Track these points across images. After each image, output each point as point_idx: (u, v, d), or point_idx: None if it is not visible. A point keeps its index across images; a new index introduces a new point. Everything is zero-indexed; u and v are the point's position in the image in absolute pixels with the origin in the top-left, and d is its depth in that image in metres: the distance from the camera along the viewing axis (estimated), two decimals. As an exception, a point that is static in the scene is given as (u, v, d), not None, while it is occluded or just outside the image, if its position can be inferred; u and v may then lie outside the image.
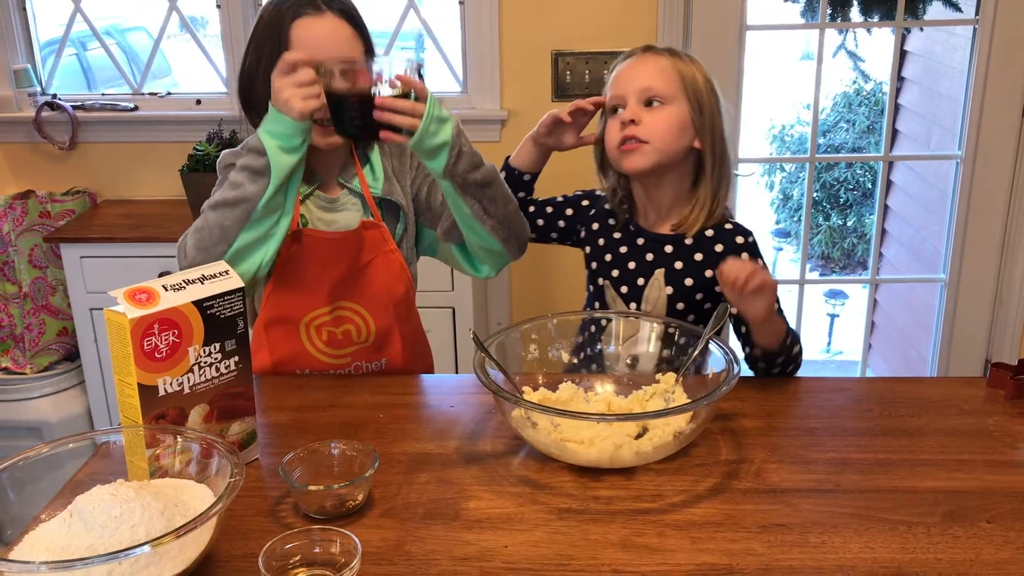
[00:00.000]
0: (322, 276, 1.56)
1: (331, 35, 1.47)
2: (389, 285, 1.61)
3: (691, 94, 1.55)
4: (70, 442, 1.14)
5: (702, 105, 1.55)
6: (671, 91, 1.54)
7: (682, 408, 1.24)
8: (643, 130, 1.53)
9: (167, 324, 1.14)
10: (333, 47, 1.46)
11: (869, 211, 5.76)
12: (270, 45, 1.47)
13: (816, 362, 4.91)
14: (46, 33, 3.05)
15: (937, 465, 1.26)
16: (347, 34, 1.49)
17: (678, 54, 1.58)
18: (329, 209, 1.60)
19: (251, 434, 1.29)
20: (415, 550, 1.10)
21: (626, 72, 1.58)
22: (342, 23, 1.49)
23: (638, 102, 1.54)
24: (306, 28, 1.47)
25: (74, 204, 2.93)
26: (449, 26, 2.87)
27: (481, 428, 1.39)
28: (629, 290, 1.63)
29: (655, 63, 1.56)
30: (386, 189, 1.61)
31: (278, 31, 1.47)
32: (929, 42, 3.30)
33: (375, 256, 1.59)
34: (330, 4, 1.49)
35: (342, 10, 1.50)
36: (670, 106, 1.54)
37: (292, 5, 1.47)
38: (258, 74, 1.48)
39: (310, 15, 1.47)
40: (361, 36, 1.52)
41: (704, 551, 1.08)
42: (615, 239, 1.66)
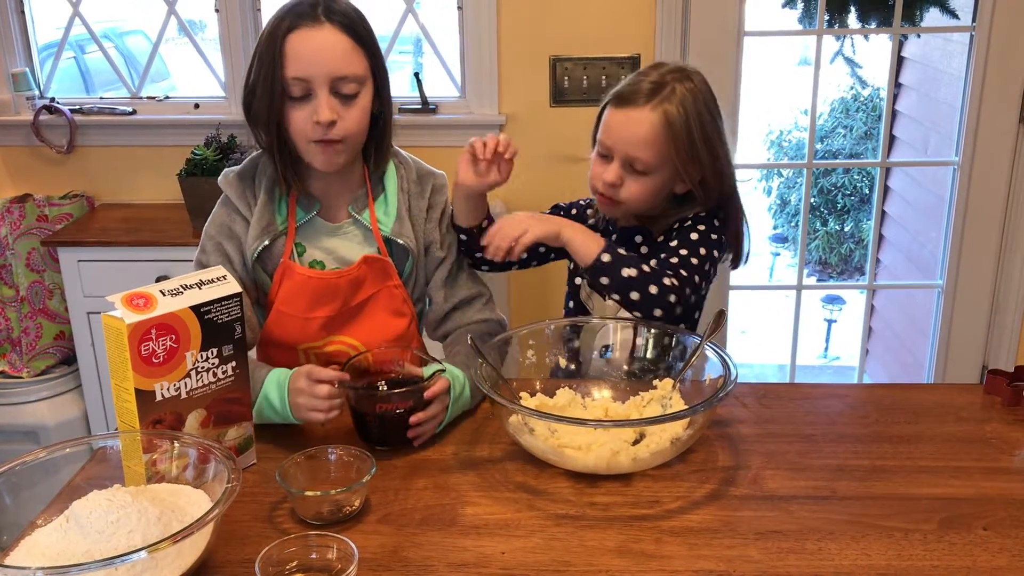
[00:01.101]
0: (312, 313, 1.50)
1: (327, 48, 1.40)
2: (387, 321, 1.55)
3: (682, 151, 1.51)
4: (67, 447, 1.14)
5: (693, 154, 1.52)
6: (656, 162, 1.52)
7: (679, 414, 1.24)
8: (622, 193, 1.55)
9: (164, 329, 1.14)
10: (328, 62, 1.40)
11: (866, 216, 5.77)
12: (267, 59, 1.41)
13: (813, 367, 4.92)
14: (44, 36, 3.05)
15: (934, 472, 1.26)
16: (345, 47, 1.41)
17: (672, 97, 1.50)
18: (331, 235, 1.54)
19: (248, 439, 1.29)
20: (412, 556, 1.10)
21: (619, 127, 1.53)
22: (341, 36, 1.41)
23: (622, 163, 1.53)
24: (300, 42, 1.39)
25: (72, 208, 2.93)
26: (447, 31, 2.88)
27: (478, 434, 1.39)
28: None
29: (647, 126, 1.50)
30: (395, 229, 1.53)
31: (274, 44, 1.40)
32: (926, 48, 3.31)
33: (377, 291, 1.53)
34: (330, 15, 1.41)
35: (344, 22, 1.42)
36: (652, 175, 1.53)
37: (289, 16, 1.41)
38: (256, 90, 1.43)
39: (306, 27, 1.40)
40: (364, 48, 1.44)
41: (701, 557, 1.08)
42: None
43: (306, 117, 1.42)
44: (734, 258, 1.69)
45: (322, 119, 1.40)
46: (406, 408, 1.31)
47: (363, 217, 1.54)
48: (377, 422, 1.31)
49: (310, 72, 1.40)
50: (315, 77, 1.40)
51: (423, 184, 1.58)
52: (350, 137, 1.45)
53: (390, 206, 1.54)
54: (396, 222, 1.53)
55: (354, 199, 1.55)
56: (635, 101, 1.52)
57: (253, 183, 1.52)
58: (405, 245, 1.53)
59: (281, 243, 1.52)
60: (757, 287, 5.76)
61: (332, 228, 1.54)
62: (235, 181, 1.53)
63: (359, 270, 1.51)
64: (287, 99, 1.42)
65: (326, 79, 1.40)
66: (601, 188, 1.56)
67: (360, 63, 1.43)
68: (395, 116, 1.56)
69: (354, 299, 1.52)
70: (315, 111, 1.40)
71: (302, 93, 1.41)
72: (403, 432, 1.32)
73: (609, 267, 1.44)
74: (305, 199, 1.53)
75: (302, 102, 1.42)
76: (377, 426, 1.31)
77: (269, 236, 1.50)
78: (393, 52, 2.96)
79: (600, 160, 1.57)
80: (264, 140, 1.48)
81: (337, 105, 1.42)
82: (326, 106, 1.41)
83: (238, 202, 1.52)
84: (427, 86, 2.86)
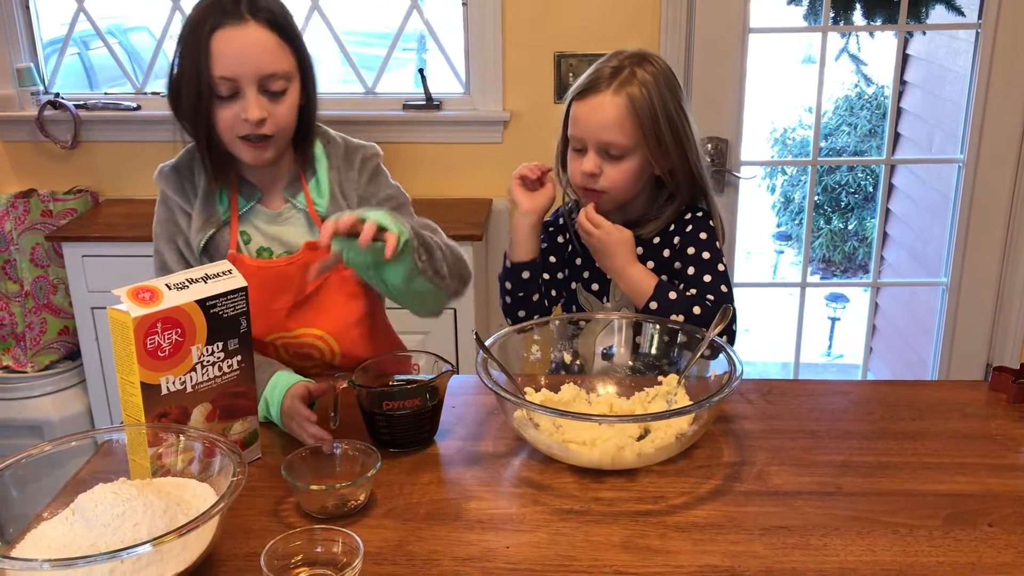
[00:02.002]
0: (269, 305, 1.49)
1: (253, 46, 1.38)
2: (346, 304, 1.54)
3: (649, 133, 1.52)
4: (72, 440, 1.14)
5: (660, 137, 1.53)
6: (630, 143, 1.53)
7: (684, 410, 1.24)
8: (603, 181, 1.55)
9: (170, 323, 1.14)
10: (255, 60, 1.38)
11: (870, 214, 5.76)
12: (193, 58, 1.39)
13: (817, 365, 4.91)
14: (49, 32, 3.04)
15: (939, 468, 1.26)
16: (272, 45, 1.40)
17: (633, 79, 1.52)
18: (273, 223, 1.53)
19: (253, 433, 1.29)
20: (417, 550, 1.10)
21: (586, 116, 1.54)
22: (267, 33, 1.40)
23: (597, 152, 1.54)
24: (226, 41, 1.37)
25: (76, 203, 2.93)
26: (452, 27, 2.87)
27: (483, 429, 1.39)
28: (600, 287, 1.66)
29: (614, 109, 1.51)
30: (331, 210, 1.50)
31: (198, 42, 1.38)
32: (931, 46, 3.30)
33: (327, 276, 1.51)
34: (255, 12, 1.39)
35: (269, 18, 1.40)
36: (629, 158, 1.54)
37: (213, 13, 1.38)
38: (182, 85, 1.42)
39: (231, 25, 1.38)
40: (290, 43, 1.43)
41: (706, 553, 1.08)
42: (580, 244, 1.67)
43: (234, 115, 1.41)
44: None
45: (251, 118, 1.39)
46: (413, 407, 1.30)
47: (299, 201, 1.53)
48: (385, 421, 1.31)
49: (238, 71, 1.38)
50: (243, 76, 1.39)
51: (351, 158, 1.55)
52: (279, 132, 1.45)
53: (322, 187, 1.53)
54: (330, 202, 1.52)
55: (288, 184, 1.54)
56: (597, 88, 1.53)
57: (192, 175, 1.52)
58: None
59: (226, 233, 1.51)
60: (761, 284, 5.77)
61: (273, 215, 1.54)
62: (171, 175, 1.52)
63: (304, 256, 1.49)
64: (215, 97, 1.40)
65: (254, 77, 1.39)
66: (581, 180, 1.57)
67: (287, 59, 1.43)
68: (398, 112, 1.57)
69: (307, 286, 1.51)
70: (243, 109, 1.40)
71: (230, 92, 1.40)
72: (413, 432, 1.32)
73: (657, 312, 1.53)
74: (246, 187, 1.53)
75: (230, 100, 1.41)
76: (386, 425, 1.31)
77: (213, 227, 1.49)
78: (397, 48, 2.95)
79: (576, 156, 1.58)
80: (192, 136, 1.47)
81: (265, 102, 1.41)
82: (255, 105, 1.40)
83: (177, 196, 1.52)
84: (431, 82, 2.86)
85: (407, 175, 2.98)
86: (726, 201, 2.83)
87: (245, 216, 1.53)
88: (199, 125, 1.43)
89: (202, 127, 1.44)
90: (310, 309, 1.53)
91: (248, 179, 1.53)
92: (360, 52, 3.28)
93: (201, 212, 1.50)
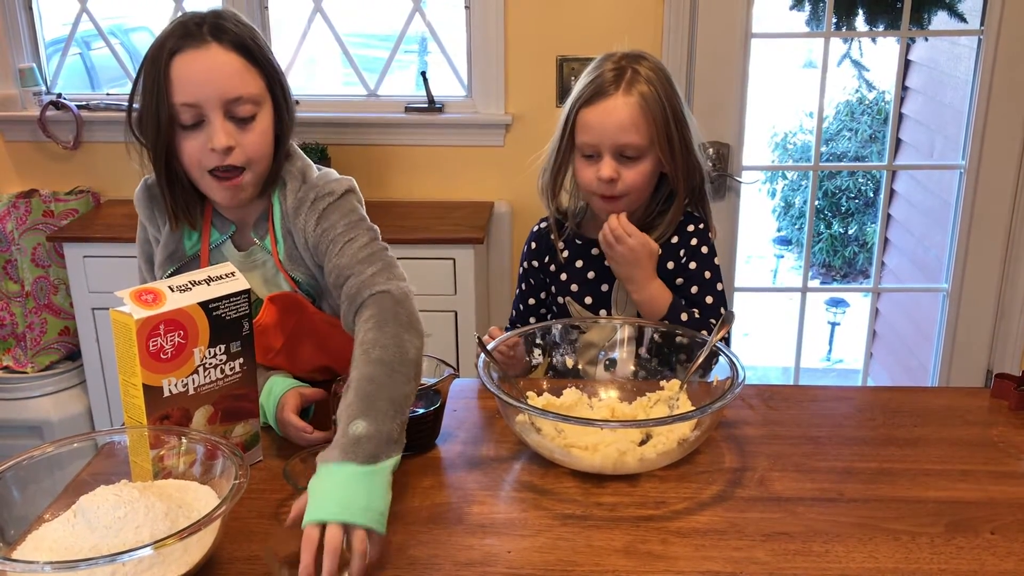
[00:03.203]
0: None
1: (215, 70, 1.30)
2: (322, 343, 1.43)
3: (661, 130, 1.53)
4: (74, 442, 1.14)
5: (670, 133, 1.54)
6: (644, 143, 1.53)
7: (686, 415, 1.24)
8: (621, 185, 1.55)
9: (173, 325, 1.14)
10: (218, 84, 1.29)
11: (871, 220, 5.76)
12: (151, 87, 1.31)
13: (816, 370, 4.91)
14: (51, 32, 3.05)
15: (941, 475, 1.26)
16: (236, 67, 1.31)
17: (638, 78, 1.52)
18: (242, 266, 1.36)
19: (255, 436, 1.29)
20: (418, 554, 1.09)
21: (600, 121, 1.53)
22: (231, 55, 1.31)
23: (613, 155, 1.54)
24: (187, 65, 1.29)
25: (77, 204, 2.93)
26: (454, 30, 2.88)
27: (484, 433, 1.39)
28: (594, 300, 1.64)
29: (628, 110, 1.51)
30: (287, 263, 1.41)
31: (158, 70, 1.30)
32: (933, 52, 3.30)
33: (294, 323, 1.39)
34: (217, 34, 1.31)
35: (234, 41, 1.31)
36: (644, 159, 1.54)
37: (172, 38, 1.30)
38: (145, 119, 1.33)
39: (192, 49, 1.29)
40: (258, 67, 1.34)
41: (708, 559, 1.08)
42: (566, 257, 1.67)
43: (200, 146, 1.32)
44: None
45: (217, 145, 1.30)
46: (415, 410, 1.30)
47: (266, 244, 1.43)
48: None
49: (199, 96, 1.29)
50: (206, 101, 1.30)
51: (301, 204, 1.39)
52: (252, 163, 1.35)
53: (279, 235, 1.42)
54: (286, 254, 1.41)
55: (256, 222, 1.44)
56: (606, 92, 1.53)
57: (162, 202, 1.42)
58: (302, 280, 1.42)
59: (194, 266, 1.42)
60: (761, 289, 5.76)
61: (242, 257, 1.44)
62: (143, 199, 1.45)
63: (267, 315, 1.36)
64: (178, 128, 1.32)
65: (218, 102, 1.30)
66: (598, 188, 1.56)
67: (254, 82, 1.33)
68: (400, 115, 1.53)
69: (277, 341, 1.39)
70: (209, 138, 1.31)
71: (193, 120, 1.31)
72: (414, 435, 1.31)
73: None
74: (219, 219, 1.44)
75: (194, 130, 1.32)
76: None
77: (176, 263, 1.43)
78: (400, 51, 2.96)
79: (586, 162, 1.57)
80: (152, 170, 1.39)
81: (232, 129, 1.32)
82: (221, 131, 1.30)
83: (148, 223, 1.46)
84: (433, 85, 2.86)
85: (408, 178, 2.99)
86: (727, 206, 2.83)
87: (217, 250, 1.45)
88: (158, 159, 1.35)
89: (160, 162, 1.35)
90: (288, 358, 1.42)
91: (221, 213, 1.45)
92: (362, 54, 3.28)
93: (166, 246, 1.43)
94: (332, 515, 1.01)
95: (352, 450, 1.07)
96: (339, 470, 1.06)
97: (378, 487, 1.06)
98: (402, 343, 1.21)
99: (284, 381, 1.37)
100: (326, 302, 1.46)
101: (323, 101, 2.95)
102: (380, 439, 1.09)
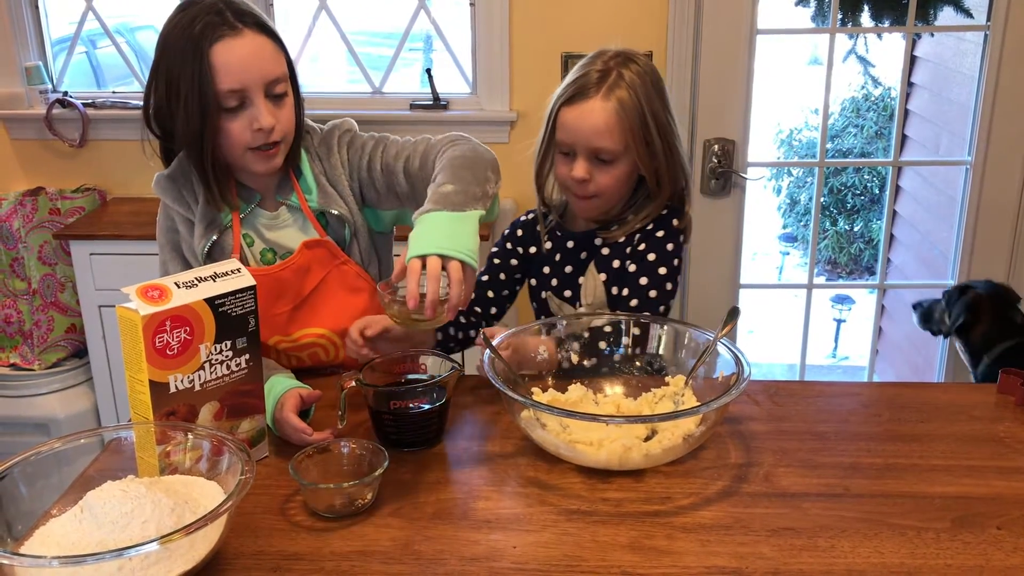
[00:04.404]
0: (268, 311, 1.46)
1: (255, 54, 1.38)
2: (347, 300, 1.54)
3: (638, 137, 1.52)
4: (81, 438, 1.15)
5: (648, 139, 1.54)
6: (619, 148, 1.53)
7: (692, 411, 1.24)
8: (593, 186, 1.55)
9: (179, 321, 1.14)
10: (259, 67, 1.38)
11: (877, 216, 5.75)
12: (189, 77, 1.35)
13: (822, 367, 4.90)
14: (57, 31, 3.05)
15: (947, 471, 1.26)
16: (270, 50, 1.40)
17: (621, 83, 1.52)
18: (271, 227, 1.53)
19: (261, 432, 1.29)
20: (424, 549, 1.10)
21: (575, 122, 1.53)
22: (262, 38, 1.39)
23: (587, 157, 1.54)
24: (228, 51, 1.36)
25: (84, 201, 2.94)
26: (459, 27, 2.88)
27: (490, 428, 1.39)
28: (572, 293, 1.65)
29: (603, 115, 1.51)
30: (322, 201, 1.51)
31: (197, 59, 1.35)
32: (939, 48, 3.29)
33: (326, 273, 1.52)
34: (243, 19, 1.38)
35: (258, 23, 1.40)
36: (619, 163, 1.54)
37: (204, 27, 1.35)
38: (179, 109, 1.38)
39: (228, 36, 1.36)
40: (280, 44, 1.43)
41: (713, 554, 1.08)
42: (547, 250, 1.68)
43: (243, 127, 1.40)
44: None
45: (265, 125, 1.39)
46: (420, 406, 1.30)
47: (292, 200, 1.52)
48: (393, 421, 1.31)
49: (245, 80, 1.37)
50: (251, 84, 1.38)
51: (328, 142, 1.54)
52: (287, 135, 1.45)
53: (309, 180, 1.52)
54: (319, 194, 1.51)
55: (279, 185, 1.53)
56: (586, 94, 1.52)
57: (190, 183, 1.49)
58: (338, 214, 1.51)
59: (229, 237, 1.51)
60: (766, 286, 5.75)
61: (270, 218, 1.54)
62: (168, 185, 1.51)
63: (301, 257, 1.50)
64: (220, 112, 1.38)
65: (261, 84, 1.39)
66: (571, 185, 1.57)
67: (283, 61, 1.43)
68: (405, 112, 1.57)
69: (305, 287, 1.51)
70: (254, 119, 1.39)
71: (237, 103, 1.39)
72: (420, 431, 1.32)
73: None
74: (244, 191, 1.53)
75: (237, 112, 1.39)
76: (393, 425, 1.31)
77: (216, 232, 1.49)
78: (405, 48, 2.96)
79: (564, 159, 1.57)
80: (190, 157, 1.45)
81: (272, 108, 1.41)
82: (266, 111, 1.39)
83: (177, 205, 1.51)
84: (438, 82, 2.86)
85: (414, 175, 2.99)
86: (732, 202, 2.83)
87: (247, 219, 1.53)
88: (204, 146, 1.41)
89: (207, 147, 1.41)
90: (310, 310, 1.53)
91: (245, 183, 1.53)
92: (367, 52, 3.28)
93: (203, 218, 1.49)
94: (429, 248, 1.18)
95: (442, 200, 1.25)
96: (432, 216, 1.23)
97: (468, 228, 1.24)
98: (478, 151, 1.40)
99: (284, 381, 1.38)
100: (356, 247, 1.55)
101: (328, 98, 2.94)
102: (467, 195, 1.27)
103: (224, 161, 1.47)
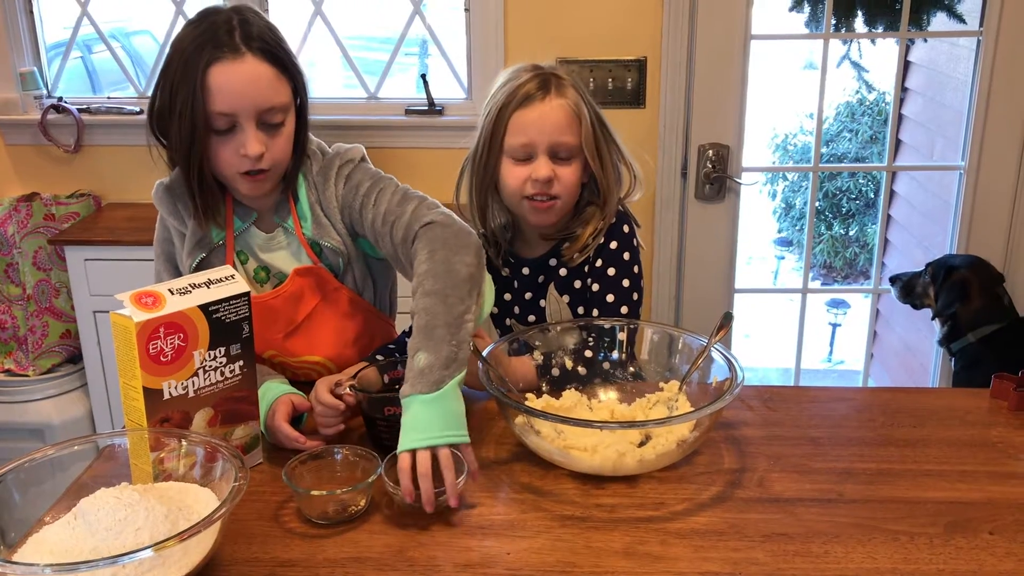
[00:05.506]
0: (262, 337, 1.43)
1: (251, 81, 1.34)
2: (342, 326, 1.52)
3: (589, 133, 1.53)
4: (75, 444, 1.14)
5: (597, 136, 1.55)
6: (577, 143, 1.53)
7: (685, 416, 1.24)
8: (556, 187, 1.53)
9: (173, 328, 1.14)
10: (252, 95, 1.34)
11: (871, 220, 5.76)
12: (187, 91, 1.33)
13: (817, 371, 4.91)
14: (52, 36, 3.05)
15: (940, 476, 1.26)
16: (270, 78, 1.36)
17: (564, 83, 1.53)
18: (265, 248, 1.51)
19: (255, 438, 1.29)
20: (417, 556, 1.10)
21: (537, 121, 1.51)
22: (264, 66, 1.35)
23: (548, 156, 1.53)
24: (224, 74, 1.33)
25: (79, 207, 2.93)
26: (454, 33, 2.88)
27: (484, 434, 1.39)
28: (537, 318, 1.64)
29: (563, 111, 1.51)
30: (315, 231, 1.48)
31: (193, 77, 1.32)
32: (933, 53, 3.30)
33: (318, 301, 1.49)
34: (249, 44, 1.35)
35: (263, 49, 1.36)
36: (576, 160, 1.54)
37: (208, 46, 1.33)
38: (174, 121, 1.36)
39: (227, 59, 1.33)
40: (287, 73, 1.39)
41: (707, 560, 1.08)
42: (504, 278, 1.65)
43: (232, 150, 1.37)
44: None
45: (251, 153, 1.36)
46: None
47: (288, 224, 1.49)
48: (387, 426, 1.31)
49: (236, 106, 1.34)
50: (242, 111, 1.35)
51: (327, 172, 1.49)
52: (277, 164, 1.42)
53: (305, 208, 1.49)
54: (313, 224, 1.48)
55: (277, 207, 1.50)
56: (535, 98, 1.52)
57: (185, 196, 1.46)
58: (331, 247, 1.48)
59: (219, 258, 1.48)
60: (762, 290, 5.76)
61: (266, 239, 1.51)
62: (164, 196, 1.48)
63: (292, 285, 1.47)
64: (210, 133, 1.36)
65: (253, 112, 1.35)
66: (533, 189, 1.53)
67: (284, 91, 1.39)
68: (400, 117, 1.55)
69: (298, 315, 1.49)
70: (242, 145, 1.36)
71: (227, 126, 1.36)
72: None
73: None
74: (240, 208, 1.50)
75: (226, 135, 1.37)
76: (387, 430, 1.31)
77: (204, 250, 1.47)
78: (400, 53, 2.96)
79: (519, 165, 1.54)
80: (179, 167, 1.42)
81: (263, 136, 1.37)
82: (254, 139, 1.36)
83: (172, 218, 1.49)
84: (433, 87, 2.86)
85: (409, 180, 2.96)
86: (727, 207, 2.83)
87: (242, 236, 1.51)
88: (191, 161, 1.38)
89: (195, 163, 1.39)
90: (304, 337, 1.51)
91: (242, 202, 1.50)
92: (362, 57, 3.29)
93: (194, 234, 1.47)
94: (415, 443, 1.17)
95: (418, 382, 1.21)
96: (411, 402, 1.21)
97: (449, 407, 1.21)
98: (451, 266, 1.31)
99: (278, 387, 1.38)
100: (350, 274, 1.53)
101: (323, 104, 2.95)
102: (440, 365, 1.22)
103: (220, 177, 1.44)
